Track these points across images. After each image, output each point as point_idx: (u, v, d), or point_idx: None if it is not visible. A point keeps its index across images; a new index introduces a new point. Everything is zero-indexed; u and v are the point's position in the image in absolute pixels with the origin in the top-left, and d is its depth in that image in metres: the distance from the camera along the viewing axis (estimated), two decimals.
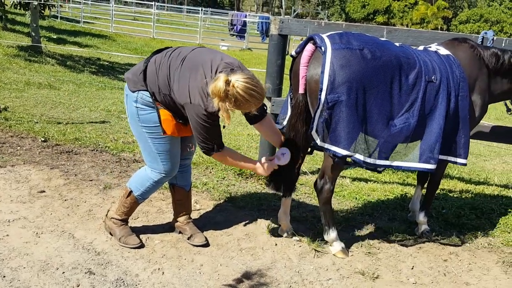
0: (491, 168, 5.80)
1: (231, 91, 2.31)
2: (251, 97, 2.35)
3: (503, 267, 3.02)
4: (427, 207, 3.34)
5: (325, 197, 2.93)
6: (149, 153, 2.75)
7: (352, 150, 2.67)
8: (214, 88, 2.31)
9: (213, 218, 3.34)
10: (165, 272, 2.64)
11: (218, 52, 2.64)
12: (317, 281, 2.69)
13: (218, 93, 2.31)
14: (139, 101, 2.64)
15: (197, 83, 2.46)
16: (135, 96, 2.64)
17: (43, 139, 4.56)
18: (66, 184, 3.64)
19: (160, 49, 2.74)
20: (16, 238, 2.81)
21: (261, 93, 2.38)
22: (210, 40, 21.92)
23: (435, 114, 2.82)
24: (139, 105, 2.65)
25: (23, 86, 7.22)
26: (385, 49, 2.72)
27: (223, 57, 2.54)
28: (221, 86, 2.29)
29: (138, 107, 2.65)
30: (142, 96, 2.63)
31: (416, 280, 2.79)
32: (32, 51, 10.42)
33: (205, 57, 2.55)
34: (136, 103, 2.65)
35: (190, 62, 2.54)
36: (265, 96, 2.43)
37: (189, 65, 2.52)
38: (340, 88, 2.59)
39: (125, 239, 2.85)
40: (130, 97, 2.68)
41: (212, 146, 2.56)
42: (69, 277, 2.49)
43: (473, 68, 3.05)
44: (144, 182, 2.81)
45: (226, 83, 2.30)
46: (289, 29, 3.90)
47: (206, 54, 2.58)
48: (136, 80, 2.65)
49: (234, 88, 2.30)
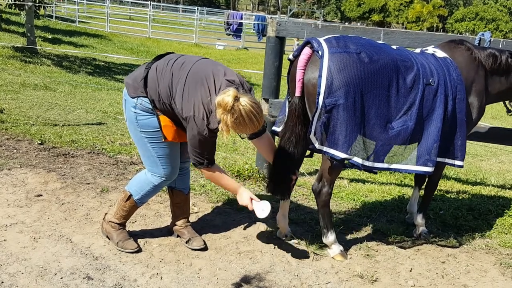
0: (487, 168, 5.82)
1: (236, 108, 2.37)
2: (250, 122, 2.42)
3: (501, 268, 3.04)
4: (425, 209, 3.35)
5: (323, 200, 2.93)
6: (148, 158, 2.75)
7: (350, 153, 2.67)
8: (222, 100, 2.37)
9: (212, 221, 3.33)
10: (163, 277, 2.63)
11: (221, 66, 2.66)
12: (316, 284, 2.69)
13: (224, 106, 2.37)
14: (138, 107, 2.64)
15: (202, 98, 2.49)
16: (134, 102, 2.64)
17: (40, 142, 4.54)
18: (63, 187, 3.63)
19: (161, 55, 2.74)
20: (13, 243, 2.79)
21: (259, 121, 2.46)
22: (206, 39, 21.88)
23: (433, 116, 2.82)
24: (137, 111, 2.64)
25: (19, 87, 7.18)
26: (383, 52, 2.72)
27: (226, 73, 2.58)
28: (229, 100, 2.36)
29: (137, 112, 2.65)
30: (141, 103, 2.63)
31: (415, 282, 2.79)
32: (27, 51, 10.37)
33: (208, 71, 2.57)
34: (135, 108, 2.65)
35: (194, 76, 2.55)
36: (262, 124, 2.50)
37: (194, 79, 2.54)
38: (338, 92, 2.60)
39: (122, 244, 2.84)
40: (129, 102, 2.67)
41: (203, 161, 2.59)
42: (67, 283, 2.48)
43: (470, 70, 3.05)
44: (144, 186, 2.81)
45: (235, 99, 2.37)
46: (286, 31, 3.90)
47: (210, 68, 2.59)
48: (137, 86, 2.64)
49: (240, 106, 2.37)
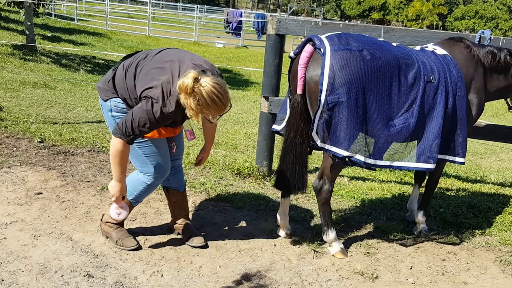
0: (487, 166, 5.83)
1: (197, 90, 2.28)
2: (213, 103, 2.32)
3: (501, 266, 3.04)
4: (425, 206, 3.35)
5: (324, 197, 2.92)
6: (137, 158, 2.71)
7: (353, 151, 2.67)
8: (182, 84, 2.29)
9: (212, 219, 3.33)
10: (164, 274, 2.63)
11: (188, 53, 2.59)
12: (317, 282, 2.69)
13: (185, 89, 2.29)
14: (113, 109, 2.61)
15: (162, 82, 2.41)
16: (109, 105, 2.61)
17: (40, 140, 4.53)
18: (63, 185, 3.62)
19: (129, 54, 2.71)
20: (14, 241, 2.79)
21: (224, 102, 2.34)
22: (206, 37, 21.85)
23: (434, 113, 2.82)
24: (114, 113, 2.62)
25: (18, 85, 7.17)
26: (384, 49, 2.72)
27: (193, 58, 2.51)
28: (188, 82, 2.27)
29: (114, 115, 2.62)
30: (115, 104, 2.60)
31: (415, 280, 2.79)
32: (26, 49, 10.34)
33: (173, 57, 2.51)
34: (111, 111, 2.62)
35: (157, 61, 2.50)
36: (227, 106, 2.39)
37: (156, 65, 2.48)
38: (340, 89, 2.59)
39: (122, 242, 2.83)
40: (104, 107, 2.65)
41: (130, 134, 2.42)
42: (68, 280, 2.48)
43: (469, 68, 3.06)
44: (137, 187, 2.77)
45: (195, 80, 2.28)
46: (286, 29, 3.89)
47: (175, 54, 2.54)
48: (107, 89, 2.62)
49: (200, 87, 2.28)
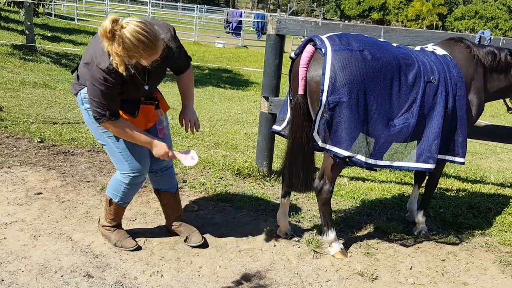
0: (487, 166, 5.83)
1: (118, 32, 2.12)
2: (140, 43, 2.13)
3: (500, 266, 3.04)
4: (425, 207, 3.35)
5: (324, 197, 2.92)
6: (113, 155, 2.68)
7: (353, 151, 2.67)
8: (101, 28, 2.12)
9: (211, 219, 3.33)
10: (164, 274, 2.63)
11: None
12: (316, 282, 2.69)
13: (105, 33, 2.12)
14: (84, 102, 2.57)
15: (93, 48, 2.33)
16: (80, 98, 2.59)
17: (39, 140, 4.53)
18: (63, 185, 3.62)
19: None
20: (13, 241, 2.79)
21: (152, 40, 2.16)
22: (206, 37, 21.84)
23: (434, 114, 2.82)
24: (86, 106, 2.56)
25: (18, 85, 7.16)
26: (385, 50, 2.72)
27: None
28: (107, 25, 2.10)
29: (87, 108, 2.56)
30: (85, 96, 2.52)
31: (415, 280, 2.80)
32: (26, 49, 10.34)
33: None
34: (83, 104, 2.59)
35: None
36: (159, 46, 2.20)
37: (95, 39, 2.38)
38: (341, 90, 2.59)
39: (121, 243, 2.83)
40: (78, 101, 2.63)
41: (105, 112, 2.36)
42: (67, 281, 2.48)
43: (469, 68, 3.06)
44: (118, 187, 2.74)
45: (114, 22, 2.11)
46: (286, 29, 3.89)
47: None
48: (74, 82, 2.61)
49: (122, 28, 2.12)
